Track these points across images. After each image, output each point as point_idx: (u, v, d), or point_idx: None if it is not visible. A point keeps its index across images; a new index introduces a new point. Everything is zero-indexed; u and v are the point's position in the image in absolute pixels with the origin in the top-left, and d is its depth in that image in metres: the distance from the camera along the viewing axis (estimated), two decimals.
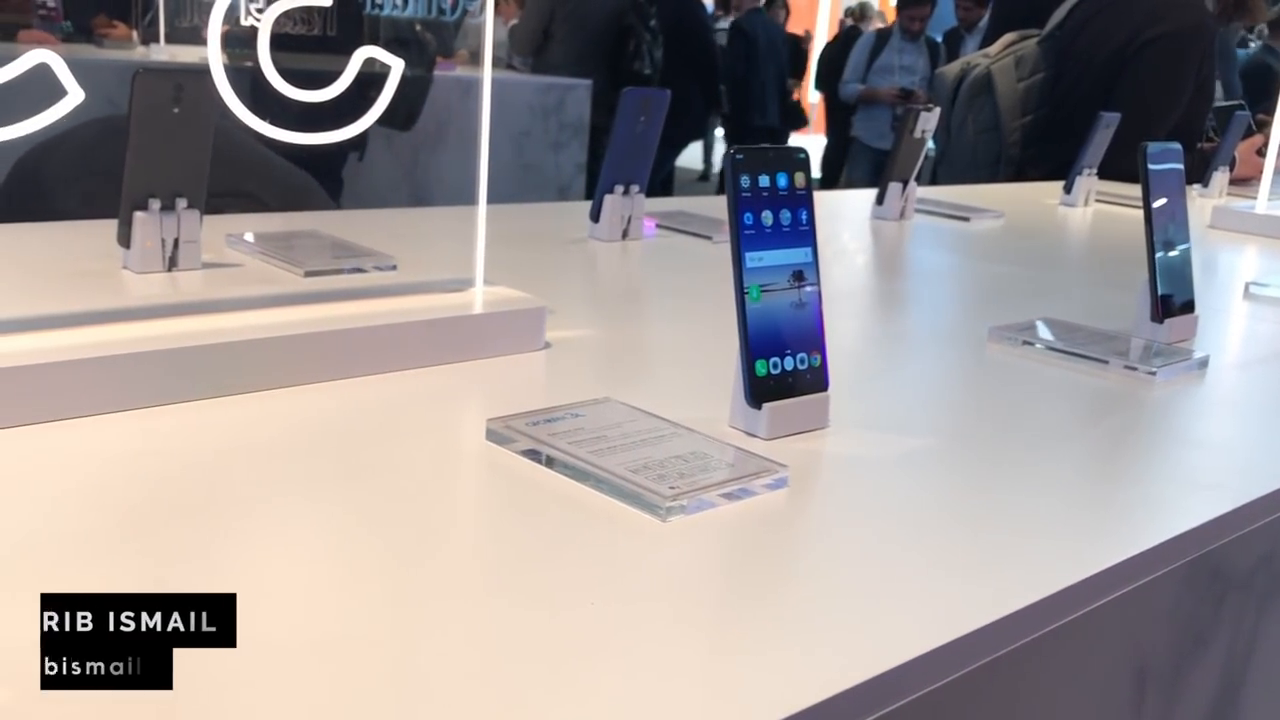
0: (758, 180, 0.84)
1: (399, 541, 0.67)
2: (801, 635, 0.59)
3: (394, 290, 1.09)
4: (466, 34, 5.34)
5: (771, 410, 0.85)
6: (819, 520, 0.76)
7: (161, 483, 0.72)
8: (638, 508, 0.71)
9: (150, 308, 1.00)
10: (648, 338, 1.19)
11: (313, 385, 0.92)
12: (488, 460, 0.79)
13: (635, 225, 1.58)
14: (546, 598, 0.61)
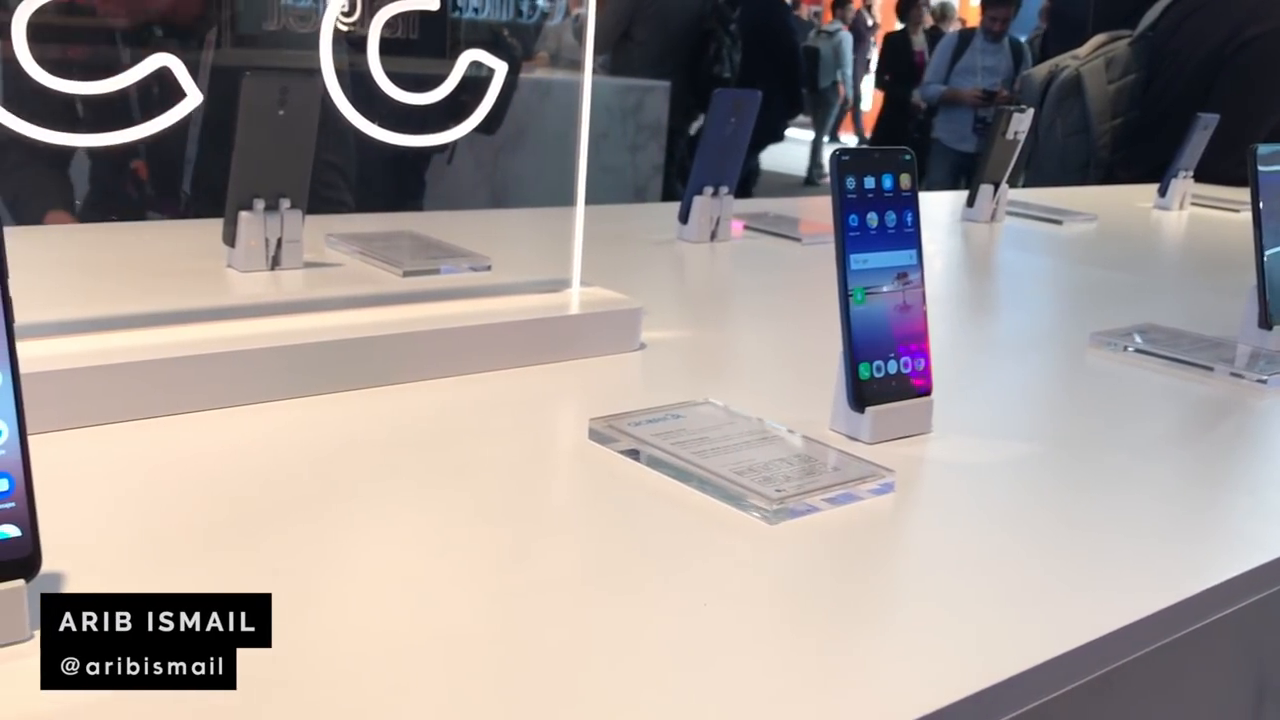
0: (863, 181, 0.84)
1: (505, 539, 0.68)
2: (911, 644, 0.59)
3: (491, 290, 1.10)
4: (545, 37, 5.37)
5: (875, 414, 0.84)
6: (926, 527, 0.75)
7: (272, 478, 0.74)
8: (743, 510, 0.71)
9: (255, 306, 1.03)
10: (740, 339, 1.19)
11: (413, 384, 0.93)
12: (590, 459, 0.80)
13: (724, 226, 1.57)
14: (658, 598, 0.61)
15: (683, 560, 0.66)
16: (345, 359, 0.91)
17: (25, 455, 0.51)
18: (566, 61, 5.03)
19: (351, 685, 0.51)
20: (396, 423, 0.85)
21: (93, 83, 0.79)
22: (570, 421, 0.89)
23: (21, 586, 0.51)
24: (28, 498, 0.51)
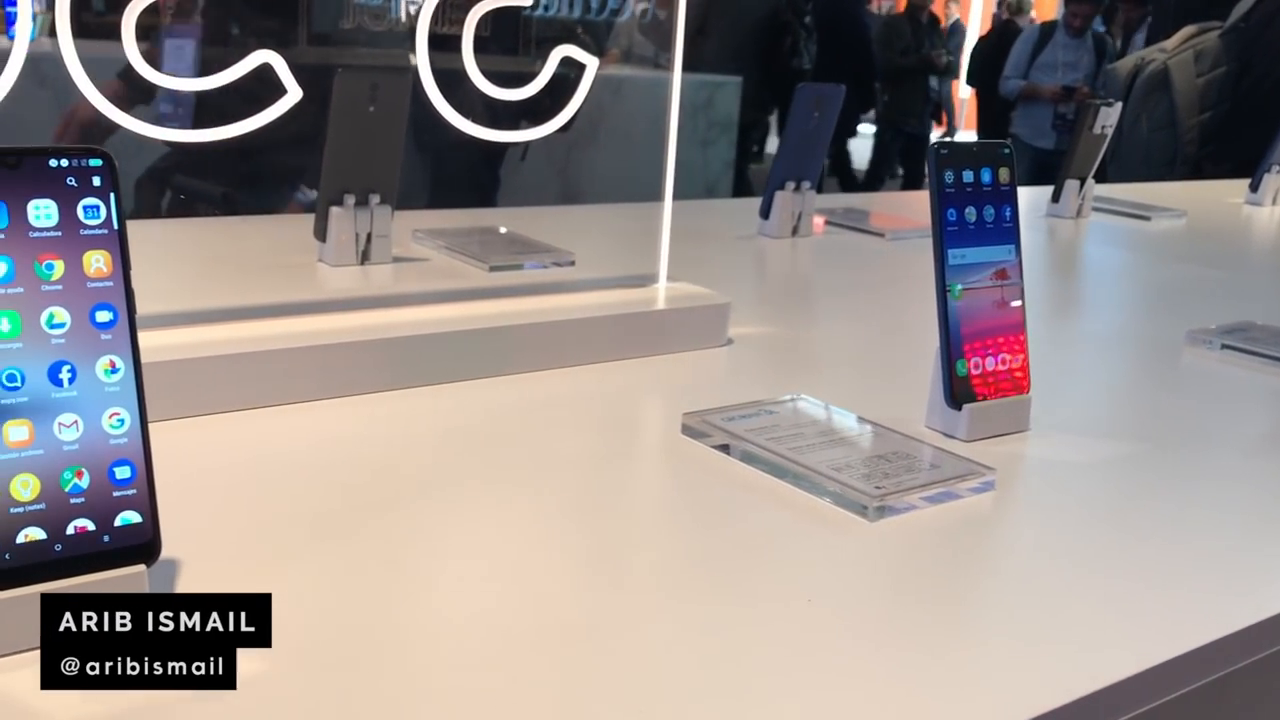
0: (961, 176, 0.83)
1: (602, 533, 0.68)
2: (1015, 646, 0.58)
3: (576, 286, 1.10)
4: (618, 34, 5.38)
5: (972, 411, 0.83)
6: (1028, 526, 0.74)
7: (371, 469, 0.75)
8: (842, 506, 0.71)
9: (349, 300, 1.04)
10: (827, 335, 1.18)
11: (503, 378, 0.93)
12: (683, 454, 0.79)
13: (805, 222, 1.56)
14: (760, 593, 0.61)
15: (783, 556, 0.66)
16: (438, 353, 0.91)
17: (146, 443, 0.52)
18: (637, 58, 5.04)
19: (451, 674, 0.52)
20: (489, 416, 0.86)
21: (199, 79, 0.81)
22: (661, 416, 0.88)
23: (142, 571, 0.52)
24: (148, 485, 0.53)
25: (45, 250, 0.50)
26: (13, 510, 0.49)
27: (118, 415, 0.52)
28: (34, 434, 0.50)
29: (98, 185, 0.51)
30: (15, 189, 0.50)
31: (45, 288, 0.50)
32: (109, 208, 0.51)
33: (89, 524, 0.51)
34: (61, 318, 0.50)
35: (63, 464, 0.50)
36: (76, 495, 0.51)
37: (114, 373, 0.51)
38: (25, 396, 0.50)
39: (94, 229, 0.51)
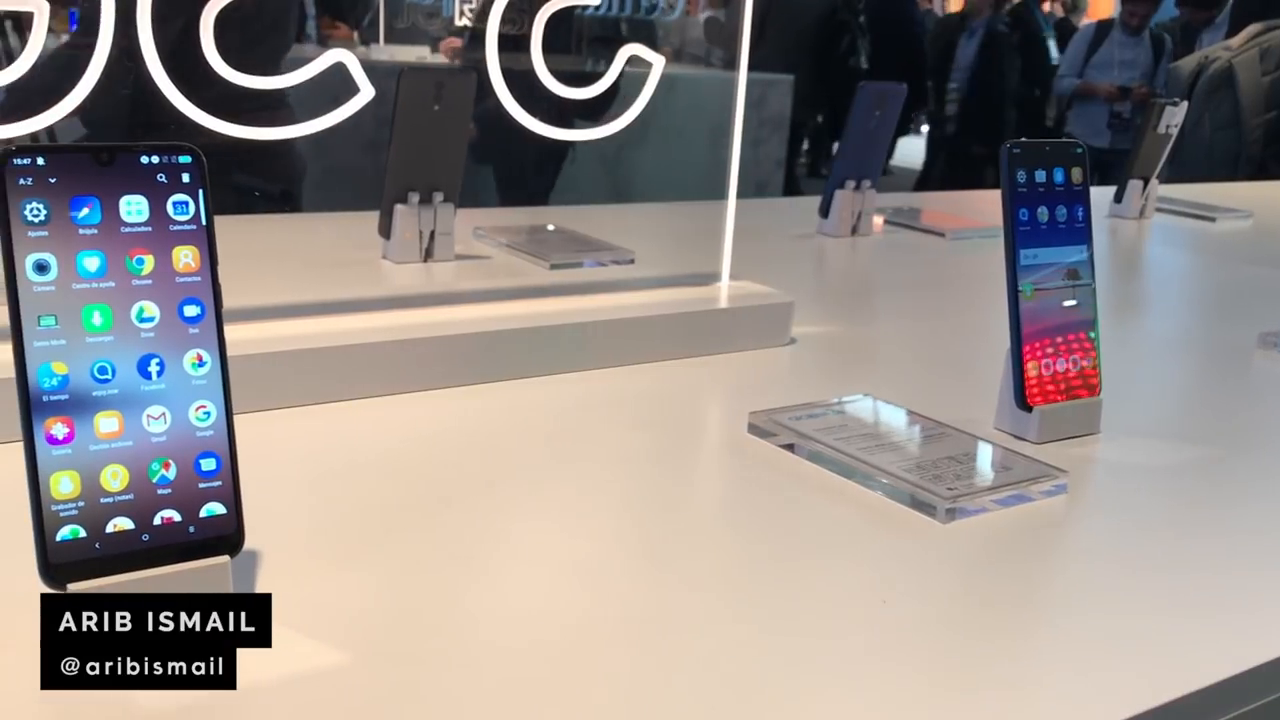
0: (1034, 175, 0.82)
1: (672, 530, 0.68)
2: (1088, 654, 0.57)
3: (638, 284, 1.10)
4: (668, 32, 5.38)
5: (1043, 414, 0.82)
6: (1101, 530, 0.73)
7: (441, 463, 0.75)
8: (914, 508, 0.70)
9: (415, 297, 1.05)
10: (891, 335, 1.17)
11: (566, 375, 0.94)
12: (750, 453, 0.79)
13: (865, 221, 1.55)
14: (834, 594, 0.61)
15: (856, 556, 0.65)
16: (502, 350, 0.92)
17: (231, 436, 0.53)
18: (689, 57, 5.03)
19: (521, 669, 0.52)
20: (553, 413, 0.86)
21: (275, 77, 0.82)
22: (726, 415, 0.88)
23: (226, 562, 0.53)
24: (233, 477, 0.53)
25: (136, 245, 0.51)
26: (103, 500, 0.50)
27: (204, 408, 0.52)
28: (123, 426, 0.51)
29: (187, 181, 0.52)
30: (108, 185, 0.50)
31: (136, 282, 0.51)
32: (198, 204, 0.52)
33: (175, 515, 0.52)
34: (151, 312, 0.51)
35: (151, 455, 0.51)
36: (163, 486, 0.52)
37: (201, 366, 0.52)
38: (115, 389, 0.50)
39: (183, 225, 0.52)
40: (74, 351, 0.50)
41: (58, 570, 0.50)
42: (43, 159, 0.49)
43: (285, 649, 0.52)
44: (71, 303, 0.50)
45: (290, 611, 0.54)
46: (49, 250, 0.49)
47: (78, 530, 0.50)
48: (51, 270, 0.49)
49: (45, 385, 0.49)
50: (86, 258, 0.50)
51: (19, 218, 0.49)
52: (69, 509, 0.50)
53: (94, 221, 0.50)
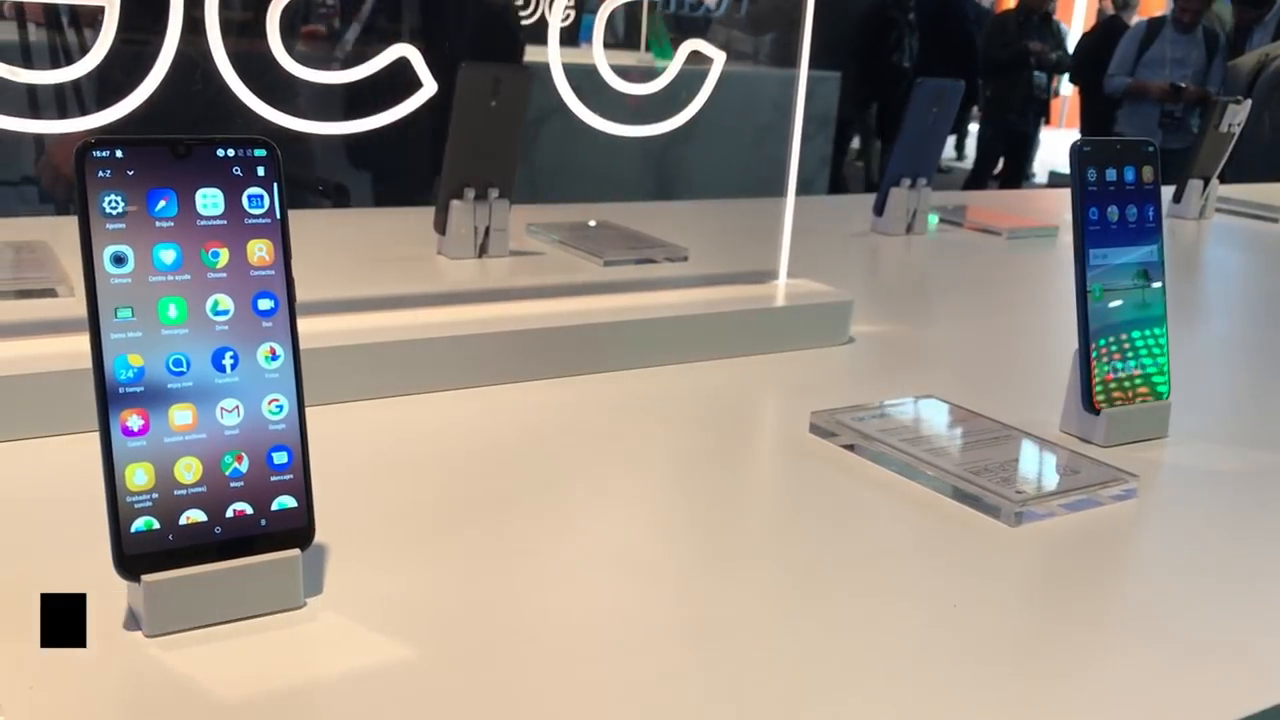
0: (1104, 174, 0.80)
1: (736, 530, 0.67)
2: (1169, 662, 0.56)
3: (693, 281, 1.10)
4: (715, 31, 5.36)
5: (1110, 417, 0.80)
6: (1172, 536, 0.71)
7: (503, 458, 0.75)
8: (982, 511, 0.69)
9: (469, 293, 1.05)
10: (950, 335, 1.16)
11: (622, 372, 0.93)
12: (812, 453, 0.78)
13: (921, 219, 1.54)
14: (904, 596, 0.60)
15: (924, 559, 0.64)
16: (561, 346, 0.92)
17: (303, 429, 0.53)
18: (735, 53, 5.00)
19: (587, 667, 0.52)
20: (612, 410, 0.86)
21: (336, 72, 0.82)
22: (787, 414, 0.87)
23: (297, 555, 0.53)
24: (304, 470, 0.53)
25: (211, 238, 0.51)
26: (176, 492, 0.51)
27: (277, 401, 0.52)
28: (197, 418, 0.51)
29: (262, 175, 0.52)
30: (184, 177, 0.51)
31: (211, 275, 0.51)
32: (272, 197, 0.52)
33: (247, 508, 0.52)
34: (226, 305, 0.51)
35: (224, 448, 0.51)
36: (236, 479, 0.52)
37: (274, 360, 0.52)
38: (190, 381, 0.51)
39: (258, 218, 0.52)
40: (150, 344, 0.50)
41: (132, 562, 0.50)
42: (121, 151, 0.50)
43: (356, 644, 0.52)
44: (147, 295, 0.50)
45: (360, 606, 0.55)
46: (126, 242, 0.49)
47: (152, 522, 0.50)
48: (128, 262, 0.50)
49: (121, 377, 0.49)
50: (163, 250, 0.50)
51: (98, 210, 0.49)
52: (143, 501, 0.50)
53: (170, 214, 0.50)
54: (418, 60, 0.83)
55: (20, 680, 0.47)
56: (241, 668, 0.49)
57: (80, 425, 0.72)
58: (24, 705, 0.46)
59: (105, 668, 0.49)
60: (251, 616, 0.53)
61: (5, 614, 0.51)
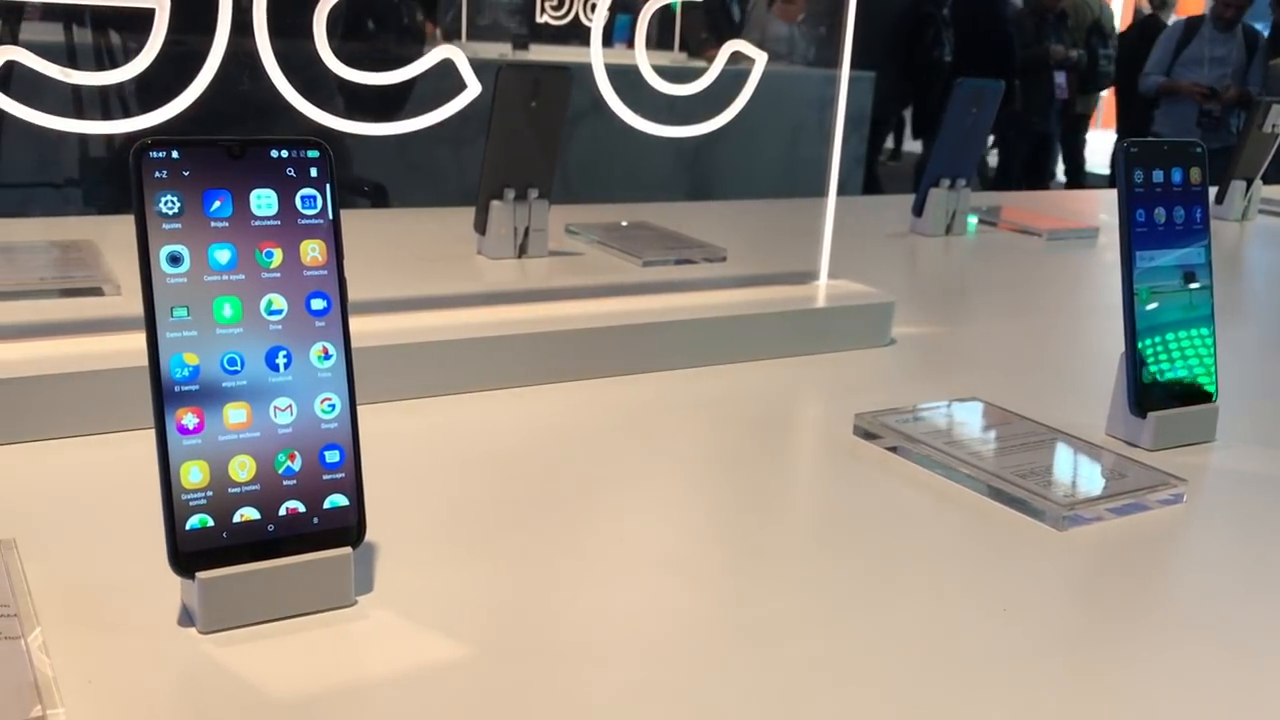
0: (1151, 175, 0.79)
1: (782, 532, 0.67)
2: (1218, 669, 0.55)
3: (733, 282, 1.10)
4: (752, 28, 5.35)
5: (1158, 420, 0.80)
6: (1222, 541, 0.70)
7: (547, 459, 0.75)
8: (1028, 515, 0.69)
9: (509, 293, 1.06)
10: (992, 336, 1.15)
11: (663, 373, 0.93)
12: (857, 455, 0.78)
13: (960, 220, 1.53)
14: (954, 600, 0.59)
15: (970, 563, 0.64)
16: (603, 347, 0.92)
17: (354, 428, 0.54)
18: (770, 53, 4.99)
19: (634, 668, 0.52)
20: (655, 411, 0.86)
21: (383, 73, 0.82)
22: (829, 416, 0.87)
23: (348, 553, 0.54)
24: (356, 469, 0.54)
25: (265, 238, 0.52)
26: (230, 490, 0.51)
27: (329, 400, 0.53)
28: (251, 417, 0.51)
29: (315, 176, 0.53)
30: (239, 178, 0.51)
31: (265, 275, 0.52)
32: (325, 198, 0.53)
33: (299, 506, 0.52)
34: (279, 304, 0.52)
35: (277, 447, 0.52)
36: (289, 477, 0.52)
37: (327, 359, 0.53)
38: (244, 380, 0.51)
39: (311, 219, 0.52)
40: (205, 343, 0.50)
41: (186, 559, 0.50)
42: (177, 152, 0.50)
43: (409, 642, 0.52)
44: (203, 294, 0.50)
45: (410, 605, 0.55)
46: (182, 242, 0.50)
47: (206, 519, 0.51)
48: (184, 262, 0.50)
49: (177, 376, 0.50)
50: (218, 250, 0.51)
51: (154, 210, 0.49)
52: (198, 498, 0.50)
53: (225, 214, 0.51)
54: (462, 62, 0.83)
55: (80, 674, 0.48)
56: (293, 665, 0.50)
57: (127, 424, 0.73)
58: (83, 699, 0.46)
59: (161, 663, 0.50)
60: (303, 614, 0.53)
61: (63, 610, 0.52)
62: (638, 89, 0.94)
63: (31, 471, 0.68)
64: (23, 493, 0.66)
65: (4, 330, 0.80)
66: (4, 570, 0.53)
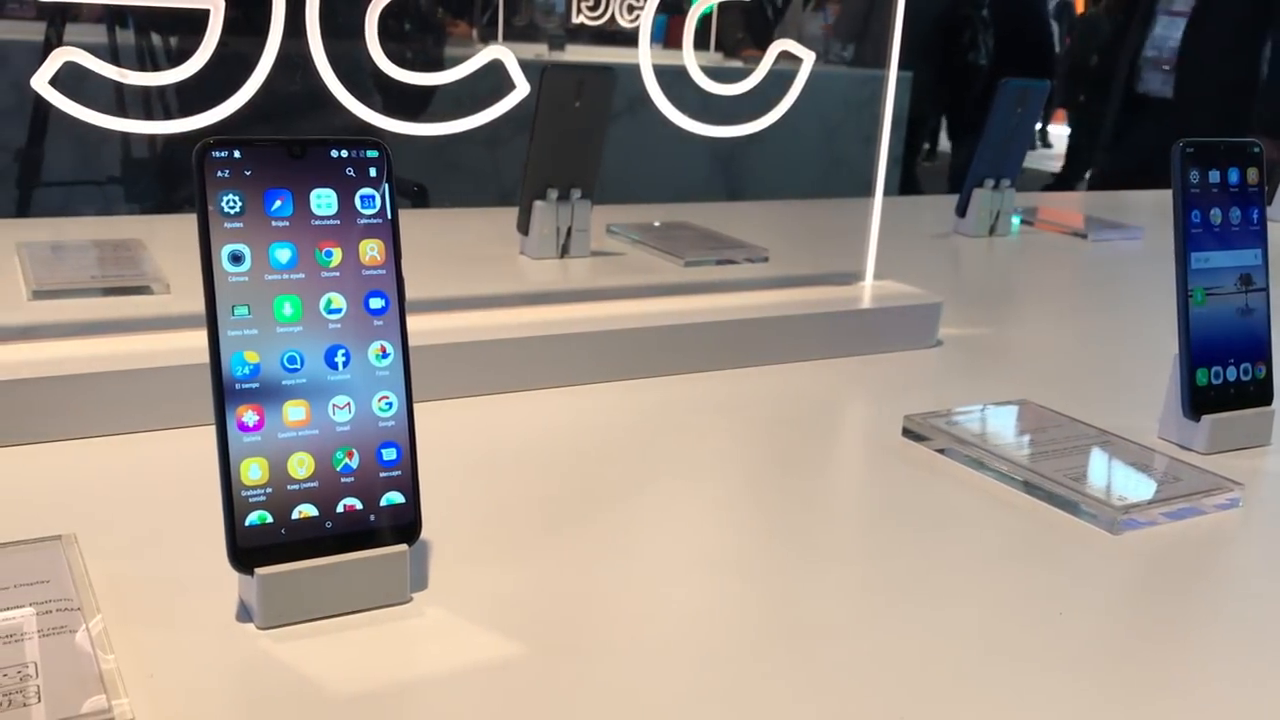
0: (1207, 175, 0.79)
1: (833, 533, 0.67)
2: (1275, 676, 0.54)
3: (776, 282, 1.09)
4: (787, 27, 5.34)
5: (1212, 423, 0.79)
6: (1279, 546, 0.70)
7: (591, 458, 0.76)
8: (1082, 518, 0.68)
9: (552, 293, 1.06)
10: (1039, 338, 1.14)
11: (706, 373, 0.93)
12: (906, 456, 0.78)
13: (1004, 220, 1.52)
14: (1009, 603, 0.59)
15: (1022, 565, 0.63)
16: (650, 346, 0.92)
17: (411, 426, 0.54)
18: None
19: (685, 669, 0.52)
20: (699, 411, 0.86)
21: (434, 73, 0.83)
22: (877, 417, 0.87)
23: (405, 551, 0.54)
24: (412, 467, 0.54)
25: (325, 238, 0.52)
26: (289, 487, 0.51)
27: (386, 399, 0.53)
28: (310, 415, 0.52)
29: (374, 176, 0.53)
30: (299, 178, 0.52)
31: (324, 274, 0.52)
32: (383, 198, 0.53)
33: (357, 503, 0.53)
34: (338, 303, 0.52)
35: (335, 444, 0.52)
36: (347, 475, 0.53)
37: (384, 358, 0.53)
38: (304, 378, 0.51)
39: (369, 218, 0.53)
40: (265, 341, 0.51)
41: (246, 555, 0.51)
42: (239, 151, 0.50)
43: (463, 640, 0.52)
44: (263, 293, 0.51)
45: (464, 602, 0.55)
46: (243, 241, 0.50)
47: (265, 516, 0.51)
48: (245, 261, 0.50)
49: (238, 373, 0.50)
50: (278, 249, 0.51)
51: (216, 209, 0.50)
52: (257, 495, 0.51)
53: (286, 214, 0.51)
54: (511, 62, 0.83)
55: (141, 668, 0.48)
56: (350, 661, 0.50)
57: (181, 421, 0.73)
58: (145, 692, 0.47)
59: (220, 658, 0.50)
60: (359, 610, 0.53)
61: (124, 604, 0.53)
62: (672, 89, 0.94)
63: (90, 467, 0.69)
64: (83, 489, 0.66)
65: (56, 328, 0.81)
66: (66, 565, 0.54)
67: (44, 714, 0.43)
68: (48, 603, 0.51)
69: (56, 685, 0.45)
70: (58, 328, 0.81)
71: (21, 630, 0.49)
